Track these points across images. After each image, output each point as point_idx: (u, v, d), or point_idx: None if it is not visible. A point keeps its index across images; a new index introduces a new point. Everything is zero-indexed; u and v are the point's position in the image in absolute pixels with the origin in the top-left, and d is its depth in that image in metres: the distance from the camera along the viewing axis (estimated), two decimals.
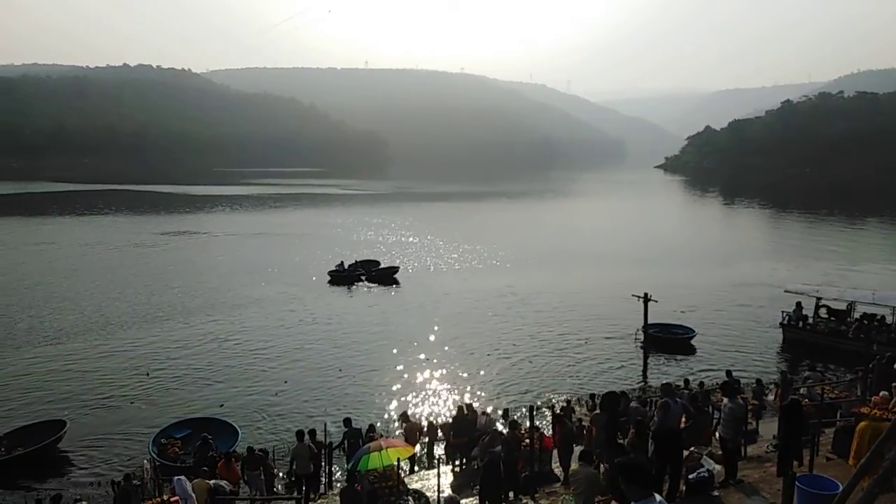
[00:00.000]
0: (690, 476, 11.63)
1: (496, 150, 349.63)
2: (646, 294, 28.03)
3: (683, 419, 11.47)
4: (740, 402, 12.64)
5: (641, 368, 26.44)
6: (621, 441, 12.49)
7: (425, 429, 18.50)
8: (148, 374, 24.76)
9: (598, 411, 13.54)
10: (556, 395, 22.65)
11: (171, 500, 13.43)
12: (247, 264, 48.12)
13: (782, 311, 29.28)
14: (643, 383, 24.41)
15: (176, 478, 13.65)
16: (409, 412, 20.83)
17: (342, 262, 44.46)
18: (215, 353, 27.73)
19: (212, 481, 13.69)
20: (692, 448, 13.65)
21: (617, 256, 51.87)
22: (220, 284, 41.04)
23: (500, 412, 19.72)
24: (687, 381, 20.37)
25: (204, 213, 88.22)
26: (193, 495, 13.20)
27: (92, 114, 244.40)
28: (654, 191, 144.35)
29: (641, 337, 28.61)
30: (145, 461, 16.40)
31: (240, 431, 18.84)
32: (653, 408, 15.71)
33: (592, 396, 19.25)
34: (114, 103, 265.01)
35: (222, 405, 21.88)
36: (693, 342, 28.85)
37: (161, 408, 21.76)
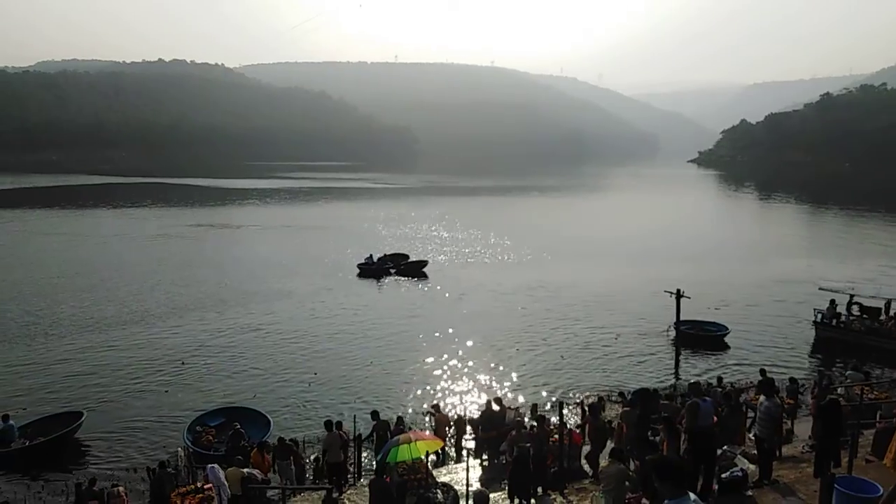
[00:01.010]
0: (723, 475, 11.45)
1: (526, 144, 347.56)
2: (678, 290, 27.61)
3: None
4: (777, 402, 12.39)
5: (673, 366, 26.09)
6: (652, 438, 12.37)
7: (453, 422, 18.56)
8: (183, 363, 25.27)
9: (628, 408, 13.42)
10: (585, 391, 22.50)
11: (205, 487, 13.74)
12: (277, 257, 48.73)
13: (814, 309, 28.65)
14: (674, 381, 24.07)
15: (209, 466, 13.94)
16: (432, 407, 20.96)
17: (371, 256, 44.72)
18: (248, 343, 28.18)
19: (245, 470, 13.94)
20: (725, 447, 13.44)
21: (648, 252, 51.21)
22: (252, 276, 41.63)
23: (528, 407, 19.68)
24: (720, 379, 20.05)
25: (236, 206, 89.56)
26: (226, 483, 13.47)
27: (128, 108, 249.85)
28: (688, 186, 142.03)
29: (673, 334, 28.23)
30: (180, 449, 16.75)
31: (272, 421, 19.11)
32: (677, 402, 15.52)
33: (622, 393, 19.06)
34: (149, 98, 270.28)
35: (255, 395, 22.21)
36: (726, 339, 28.37)
37: (195, 396, 22.20)
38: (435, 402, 19.15)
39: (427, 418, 18.67)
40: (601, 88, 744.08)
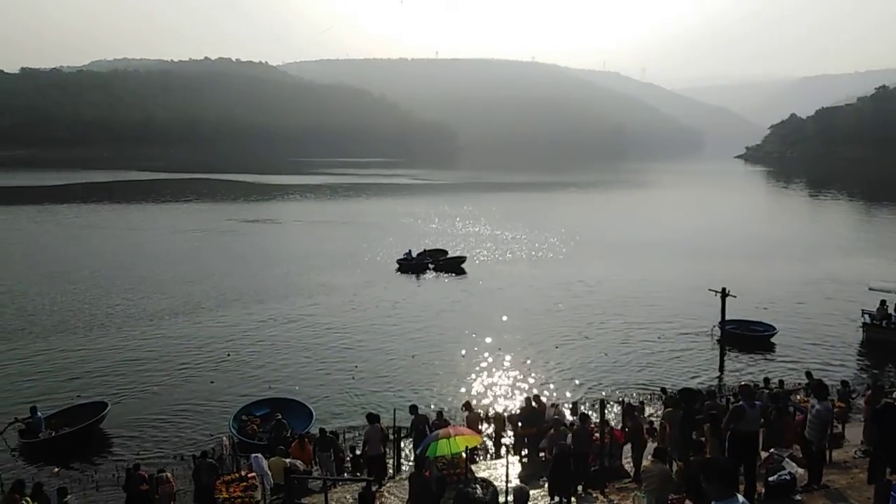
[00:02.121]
0: (770, 478, 11.17)
1: (566, 139, 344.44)
2: (723, 289, 26.97)
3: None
4: (829, 405, 12.00)
5: (717, 366, 25.53)
6: (696, 438, 12.13)
7: (492, 418, 18.54)
8: (229, 355, 25.86)
9: (671, 408, 13.19)
10: (627, 390, 22.19)
11: (249, 475, 14.04)
12: (318, 252, 49.43)
13: (862, 310, 27.66)
14: (719, 381, 23.55)
15: (253, 455, 14.25)
16: (473, 402, 20.93)
17: (409, 251, 44.96)
18: (291, 335, 28.68)
19: (287, 460, 14.20)
20: (772, 450, 13.11)
21: (692, 250, 50.17)
22: (294, 270, 42.32)
23: (568, 404, 19.54)
24: (767, 381, 19.52)
25: (278, 201, 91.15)
26: (269, 472, 13.75)
27: (176, 106, 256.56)
28: (734, 182, 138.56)
29: (718, 333, 27.61)
30: (224, 437, 17.12)
31: (314, 413, 19.42)
32: (722, 401, 15.17)
33: (665, 392, 18.75)
34: (196, 96, 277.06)
35: (298, 387, 22.58)
36: (773, 340, 27.60)
37: (240, 387, 22.66)
38: (466, 399, 19.11)
39: (463, 413, 18.68)
40: (644, 83, 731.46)
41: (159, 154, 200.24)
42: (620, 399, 20.33)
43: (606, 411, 15.27)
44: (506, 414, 18.73)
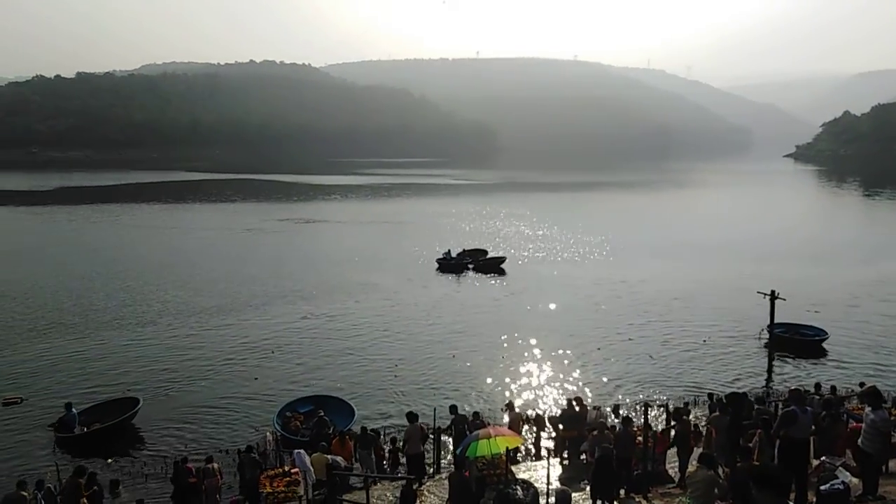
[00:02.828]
0: (822, 487, 10.76)
1: (609, 139, 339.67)
2: (773, 291, 26.21)
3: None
4: (886, 414, 11.53)
5: (765, 371, 24.81)
6: (744, 445, 11.81)
7: (533, 419, 18.42)
8: (273, 352, 26.33)
9: (717, 413, 12.89)
10: (670, 394, 21.77)
11: (292, 471, 14.27)
12: (359, 251, 49.95)
13: None
14: (766, 386, 22.90)
15: (296, 451, 14.47)
16: (516, 402, 20.82)
17: (449, 251, 45.05)
18: (333, 333, 29.06)
19: (329, 457, 14.37)
20: (824, 458, 12.69)
21: (740, 251, 48.92)
22: (336, 269, 42.86)
23: (610, 407, 19.28)
24: (818, 386, 18.87)
25: (320, 201, 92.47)
26: (312, 468, 13.94)
27: (222, 108, 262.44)
28: (783, 181, 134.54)
29: (766, 337, 26.82)
30: (268, 433, 17.44)
31: (356, 411, 19.61)
32: (771, 407, 14.73)
33: (711, 396, 18.32)
34: (241, 98, 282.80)
35: (340, 385, 22.84)
36: (824, 345, 26.69)
37: (283, 384, 23.05)
38: (509, 400, 19.01)
39: (504, 415, 18.61)
40: (690, 81, 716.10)
41: (205, 155, 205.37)
42: (664, 403, 19.94)
43: (651, 415, 15.02)
44: (546, 415, 18.59)
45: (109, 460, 17.73)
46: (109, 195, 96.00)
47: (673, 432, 14.36)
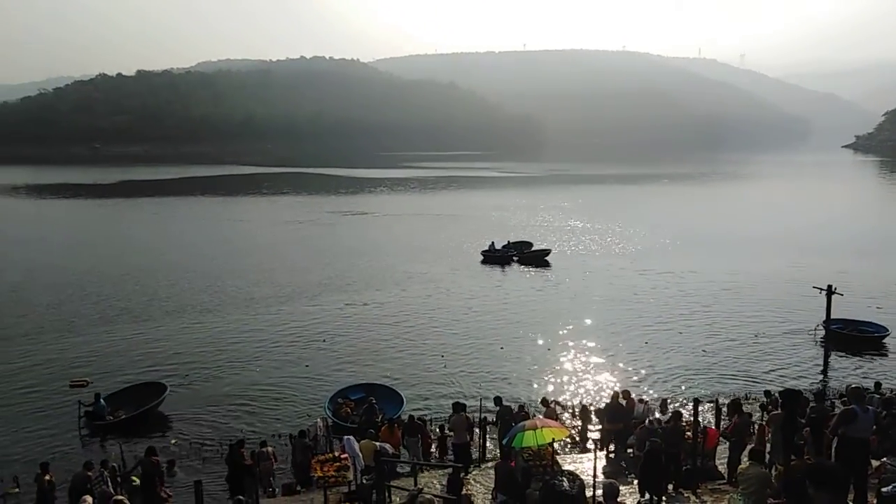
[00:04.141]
0: (884, 489, 10.46)
1: (658, 130, 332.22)
2: (829, 286, 25.37)
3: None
4: None
5: (821, 368, 24.08)
6: (798, 442, 11.57)
7: (579, 412, 18.38)
8: (324, 340, 26.97)
9: (773, 409, 12.64)
10: (721, 389, 21.37)
11: (342, 456, 14.63)
12: (406, 242, 50.51)
13: None
14: (822, 384, 22.21)
15: (346, 437, 14.81)
16: (560, 395, 20.83)
17: (493, 243, 45.10)
18: (381, 323, 29.53)
19: (377, 443, 14.68)
20: (885, 458, 12.29)
21: (795, 244, 47.36)
22: (383, 260, 43.43)
23: (657, 401, 19.04)
24: (878, 385, 18.25)
25: (368, 194, 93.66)
26: (360, 454, 14.26)
27: (274, 103, 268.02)
28: (842, 173, 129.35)
29: (822, 333, 26.01)
30: (319, 419, 17.89)
31: (405, 399, 19.94)
32: (827, 405, 14.32)
33: (767, 393, 17.92)
34: (293, 93, 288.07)
35: (389, 373, 23.22)
36: (885, 342, 25.70)
37: (334, 372, 23.57)
38: (546, 395, 18.99)
39: (541, 409, 18.62)
40: (743, 70, 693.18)
41: (258, 149, 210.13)
42: (713, 398, 19.59)
43: (700, 410, 14.80)
44: (592, 408, 18.52)
45: (173, 440, 18.51)
46: (167, 189, 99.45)
47: (729, 425, 14.13)
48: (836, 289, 25.39)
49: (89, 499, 12.23)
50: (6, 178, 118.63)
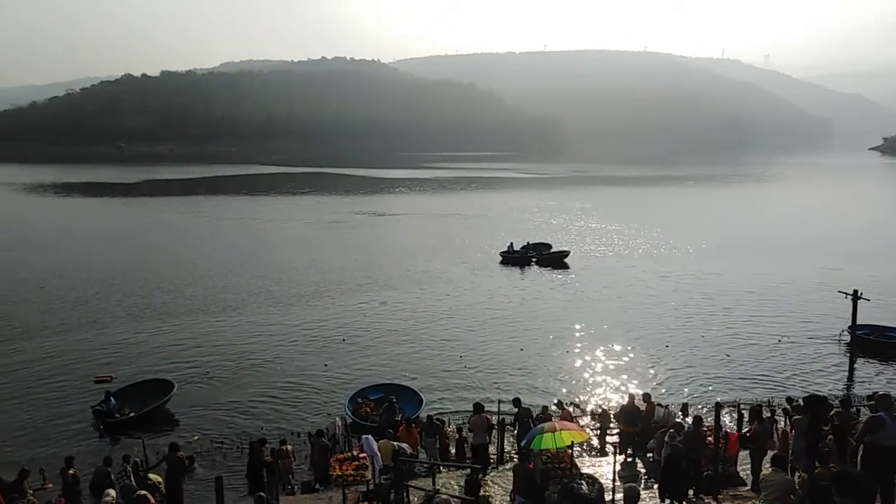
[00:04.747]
0: None
1: (680, 132, 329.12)
2: (855, 291, 24.94)
3: None
4: None
5: (846, 374, 23.67)
6: (822, 449, 11.38)
7: (598, 415, 18.27)
8: (343, 340, 27.10)
9: (798, 415, 12.44)
10: (743, 394, 21.09)
11: (360, 455, 14.70)
12: (425, 243, 50.57)
13: None
14: (847, 390, 21.83)
15: (364, 436, 14.88)
16: (579, 398, 20.72)
17: (511, 244, 45.02)
18: (400, 323, 29.65)
19: (395, 443, 14.72)
20: None
21: (820, 248, 46.60)
22: (402, 261, 43.54)
23: (678, 406, 18.86)
24: None
25: (388, 194, 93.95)
26: (379, 454, 14.32)
27: (295, 104, 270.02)
28: (869, 176, 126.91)
29: (847, 338, 25.55)
30: (338, 418, 17.99)
31: (424, 399, 19.98)
32: (853, 412, 14.05)
33: (790, 399, 17.66)
34: (313, 93, 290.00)
35: (407, 374, 23.28)
36: None
37: (352, 372, 23.66)
38: (559, 398, 18.87)
39: (555, 410, 18.53)
40: (767, 71, 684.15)
41: (279, 149, 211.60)
42: (735, 403, 19.34)
43: (722, 415, 14.63)
44: (611, 411, 18.39)
45: (195, 437, 18.72)
46: (191, 188, 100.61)
47: (749, 431, 13.95)
48: (862, 294, 24.96)
49: (112, 492, 12.41)
50: (35, 177, 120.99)
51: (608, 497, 12.23)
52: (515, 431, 16.54)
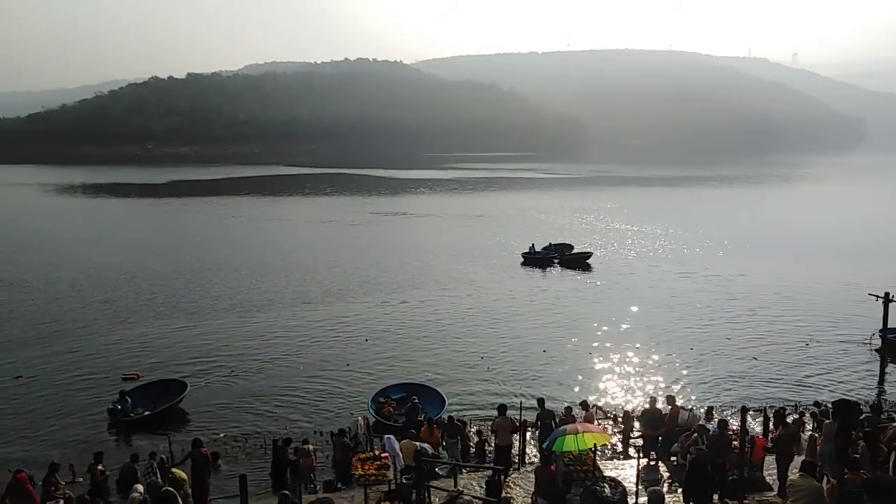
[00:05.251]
0: None
1: (707, 131, 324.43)
2: (887, 294, 24.41)
3: None
4: None
5: (876, 378, 23.17)
6: (851, 455, 11.15)
7: (621, 418, 18.10)
8: (366, 340, 27.24)
9: (826, 419, 12.22)
10: (769, 398, 20.74)
11: (382, 455, 14.75)
12: (447, 243, 50.65)
13: None
14: (878, 395, 21.35)
15: (386, 436, 14.93)
16: (602, 400, 20.55)
17: (533, 245, 44.87)
18: (422, 323, 29.73)
19: (417, 443, 14.74)
20: None
21: (850, 250, 45.68)
22: (424, 261, 43.67)
23: (703, 409, 18.62)
24: None
25: (410, 195, 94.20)
26: (400, 453, 14.35)
27: (319, 105, 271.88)
28: None
29: (878, 342, 25.00)
30: (360, 417, 18.06)
31: (447, 400, 19.97)
32: (883, 415, 13.75)
33: (818, 404, 17.33)
34: (336, 95, 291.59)
35: (429, 374, 23.29)
36: None
37: (374, 371, 23.74)
38: (584, 399, 18.70)
39: (581, 412, 18.40)
40: (796, 69, 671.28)
41: (303, 150, 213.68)
42: (761, 407, 19.04)
43: (748, 419, 14.41)
44: (634, 414, 18.21)
45: (222, 434, 18.95)
46: (216, 188, 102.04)
47: (774, 436, 13.72)
48: (894, 297, 24.40)
49: (140, 488, 12.63)
50: (65, 178, 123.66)
51: (631, 500, 12.13)
52: (537, 433, 16.44)
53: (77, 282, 38.02)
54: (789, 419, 16.56)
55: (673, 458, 15.12)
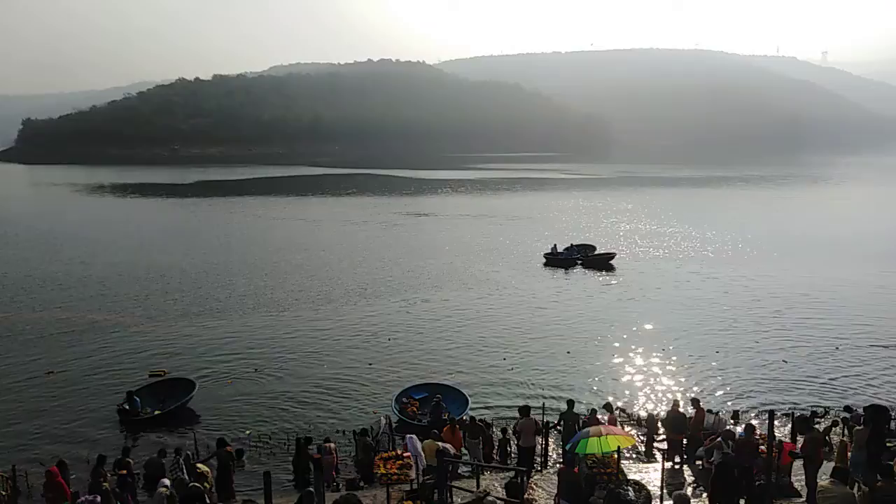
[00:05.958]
0: None
1: (734, 131, 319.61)
2: None
3: None
4: None
5: None
6: (884, 462, 10.89)
7: (645, 421, 17.92)
8: (389, 340, 27.34)
9: (858, 425, 11.96)
10: (798, 403, 20.35)
11: (404, 455, 14.78)
12: (470, 244, 50.63)
13: None
14: None
15: (408, 436, 14.96)
16: (628, 403, 20.33)
17: (555, 246, 44.60)
18: (445, 324, 29.66)
19: (439, 444, 14.75)
20: None
21: (883, 251, 44.71)
22: (447, 261, 43.69)
23: (729, 413, 18.36)
24: None
25: (433, 195, 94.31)
26: (423, 454, 14.37)
27: (342, 106, 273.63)
28: None
29: None
30: (382, 417, 18.12)
31: (470, 400, 19.94)
32: None
33: (849, 409, 16.97)
34: (360, 95, 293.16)
35: (452, 374, 23.26)
36: None
37: (397, 371, 23.77)
38: (608, 401, 18.51)
39: (603, 416, 18.24)
40: (825, 68, 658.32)
41: (327, 151, 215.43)
42: (790, 411, 18.70)
43: (776, 423, 14.14)
44: (658, 417, 18.02)
45: (247, 431, 19.14)
46: (241, 189, 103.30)
47: (801, 442, 13.47)
48: None
49: (167, 482, 12.82)
50: (94, 178, 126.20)
51: None
52: (561, 433, 16.34)
53: (107, 280, 38.75)
54: (820, 426, 16.27)
55: (698, 462, 14.94)
